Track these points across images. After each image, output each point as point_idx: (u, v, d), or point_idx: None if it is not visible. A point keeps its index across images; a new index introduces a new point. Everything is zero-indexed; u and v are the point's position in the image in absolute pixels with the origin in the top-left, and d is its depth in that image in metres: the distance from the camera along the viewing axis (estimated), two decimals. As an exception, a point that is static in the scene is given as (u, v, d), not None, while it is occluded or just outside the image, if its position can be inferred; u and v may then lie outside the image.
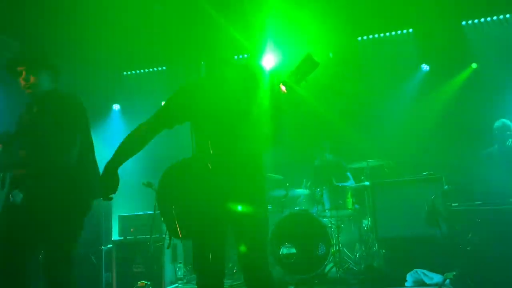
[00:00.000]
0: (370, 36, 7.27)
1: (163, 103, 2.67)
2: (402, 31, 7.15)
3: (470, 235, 4.90)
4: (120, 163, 2.62)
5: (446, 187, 4.73)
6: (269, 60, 6.95)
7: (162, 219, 2.59)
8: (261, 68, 2.61)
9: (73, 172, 2.94)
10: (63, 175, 2.89)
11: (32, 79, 3.02)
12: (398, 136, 6.65)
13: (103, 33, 6.79)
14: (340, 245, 5.22)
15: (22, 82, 3.04)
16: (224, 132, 2.41)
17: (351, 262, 5.55)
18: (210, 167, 2.38)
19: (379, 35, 7.24)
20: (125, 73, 8.18)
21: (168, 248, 4.03)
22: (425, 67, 7.13)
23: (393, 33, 7.20)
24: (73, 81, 7.86)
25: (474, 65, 6.94)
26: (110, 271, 5.82)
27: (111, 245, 5.99)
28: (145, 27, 6.79)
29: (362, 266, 5.28)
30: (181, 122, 2.66)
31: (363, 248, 5.75)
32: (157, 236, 5.62)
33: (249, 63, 2.70)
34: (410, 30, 7.11)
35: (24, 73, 3.03)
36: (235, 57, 2.75)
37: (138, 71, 8.18)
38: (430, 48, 7.06)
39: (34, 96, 3.06)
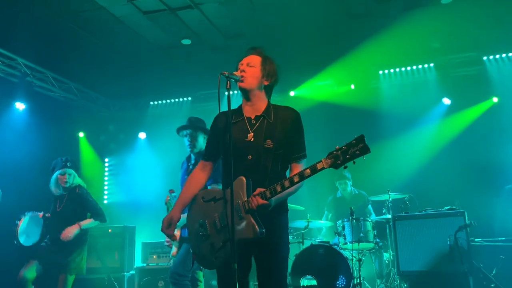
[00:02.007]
0: (392, 70, 7.39)
1: None
2: (423, 65, 7.26)
3: (494, 272, 4.85)
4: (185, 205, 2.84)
5: (468, 222, 4.70)
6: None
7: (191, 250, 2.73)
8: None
9: None
10: None
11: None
12: (420, 169, 6.66)
13: (133, 66, 7.18)
14: (361, 278, 5.20)
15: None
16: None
17: (372, 295, 5.51)
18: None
19: (400, 69, 7.36)
20: (152, 103, 8.47)
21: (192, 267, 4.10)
22: (446, 101, 7.17)
23: (414, 67, 7.31)
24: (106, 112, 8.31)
25: (495, 99, 6.97)
26: (132, 297, 5.92)
27: (134, 272, 6.09)
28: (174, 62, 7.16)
29: (383, 300, 5.23)
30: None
31: (384, 282, 5.71)
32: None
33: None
34: (432, 64, 7.21)
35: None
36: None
37: (164, 101, 8.46)
38: (452, 82, 7.13)
39: None
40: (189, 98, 8.30)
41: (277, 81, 2.80)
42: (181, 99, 8.36)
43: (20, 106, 6.59)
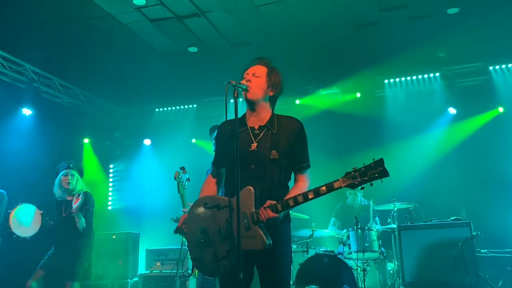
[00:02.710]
0: (397, 79, 7.40)
1: None
2: (429, 74, 7.26)
3: (500, 283, 4.81)
4: None
5: (474, 233, 4.67)
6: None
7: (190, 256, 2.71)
8: None
9: None
10: None
11: None
12: (425, 179, 6.64)
13: (139, 72, 7.23)
14: (365, 288, 5.17)
15: None
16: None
17: (376, 306, 5.47)
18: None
19: (406, 78, 7.37)
20: (157, 109, 8.50)
21: (195, 277, 4.07)
22: (451, 110, 7.16)
23: (420, 76, 7.31)
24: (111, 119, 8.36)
25: (500, 109, 6.95)
26: (135, 304, 5.90)
27: (137, 279, 6.08)
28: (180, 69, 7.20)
29: (388, 311, 5.19)
30: None
31: (388, 292, 5.67)
32: (182, 271, 5.68)
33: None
34: (437, 74, 7.21)
35: None
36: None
37: (170, 108, 8.49)
38: (457, 92, 7.13)
39: None
40: (195, 105, 8.33)
41: (281, 92, 2.82)
42: (186, 106, 8.39)
43: (27, 111, 6.63)
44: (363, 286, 5.12)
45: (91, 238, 4.75)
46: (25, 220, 4.60)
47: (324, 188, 2.46)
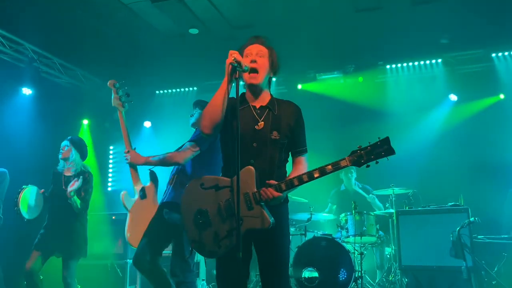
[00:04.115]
0: (399, 65, 7.36)
1: None
2: (431, 60, 7.22)
3: (496, 269, 4.86)
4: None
5: (472, 219, 4.71)
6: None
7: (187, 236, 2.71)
8: None
9: None
10: None
11: None
12: (424, 164, 6.65)
13: (139, 54, 7.18)
14: (362, 271, 5.23)
15: None
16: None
17: (372, 289, 5.54)
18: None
19: (407, 64, 7.33)
20: (157, 91, 8.47)
21: (189, 256, 3.97)
22: (452, 97, 7.14)
23: (422, 62, 7.28)
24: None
25: (501, 96, 6.94)
26: (134, 284, 5.95)
27: (137, 259, 6.12)
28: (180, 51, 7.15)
29: (384, 294, 5.26)
30: None
31: (385, 276, 5.74)
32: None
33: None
34: (439, 60, 7.18)
35: None
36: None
37: (170, 90, 8.45)
38: (459, 78, 7.10)
39: None
40: (195, 88, 8.30)
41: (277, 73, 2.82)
42: (187, 89, 8.35)
43: (27, 91, 6.61)
44: (360, 270, 5.18)
45: (86, 217, 4.75)
46: (31, 201, 4.63)
47: (330, 167, 2.46)
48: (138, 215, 3.82)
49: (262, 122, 2.64)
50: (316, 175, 2.47)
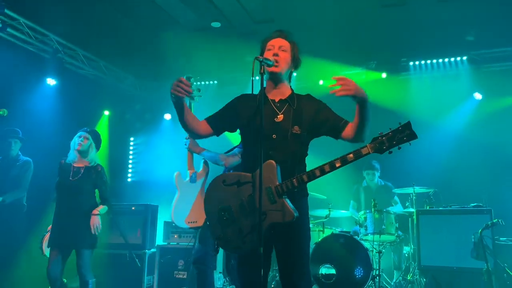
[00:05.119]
0: (423, 62, 7.24)
1: None
2: (455, 58, 7.09)
3: (518, 272, 4.77)
4: None
5: (495, 220, 4.62)
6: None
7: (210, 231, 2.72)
8: None
9: None
10: None
11: None
12: (446, 163, 6.54)
13: (161, 48, 7.22)
14: (380, 270, 5.19)
15: None
16: None
17: (389, 288, 5.50)
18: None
19: (431, 61, 7.21)
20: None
21: (216, 254, 4.17)
22: (477, 95, 7.00)
23: (446, 60, 7.15)
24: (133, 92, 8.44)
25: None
26: (152, 274, 6.03)
27: (155, 250, 6.20)
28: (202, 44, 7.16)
29: (401, 293, 5.21)
30: None
31: (403, 275, 5.68)
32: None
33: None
34: (464, 57, 7.04)
35: None
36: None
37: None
38: (484, 77, 6.95)
39: None
40: (215, 82, 8.30)
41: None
42: (207, 82, 8.37)
43: (51, 81, 6.72)
44: (377, 268, 5.15)
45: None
46: None
47: (351, 155, 2.45)
48: (184, 196, 4.18)
49: (282, 115, 2.66)
50: (337, 165, 2.46)
